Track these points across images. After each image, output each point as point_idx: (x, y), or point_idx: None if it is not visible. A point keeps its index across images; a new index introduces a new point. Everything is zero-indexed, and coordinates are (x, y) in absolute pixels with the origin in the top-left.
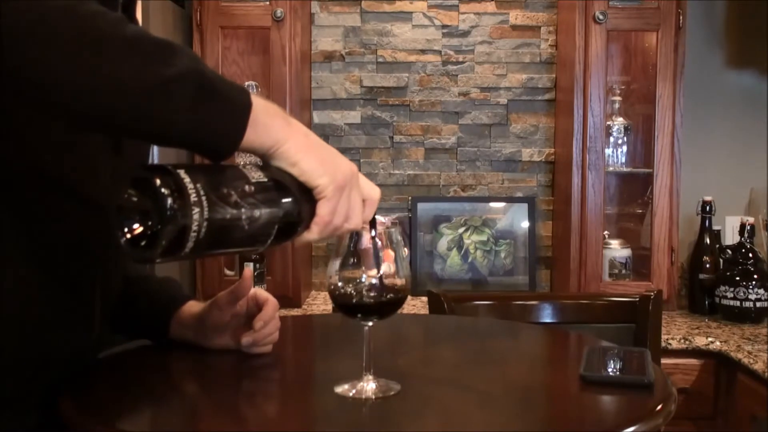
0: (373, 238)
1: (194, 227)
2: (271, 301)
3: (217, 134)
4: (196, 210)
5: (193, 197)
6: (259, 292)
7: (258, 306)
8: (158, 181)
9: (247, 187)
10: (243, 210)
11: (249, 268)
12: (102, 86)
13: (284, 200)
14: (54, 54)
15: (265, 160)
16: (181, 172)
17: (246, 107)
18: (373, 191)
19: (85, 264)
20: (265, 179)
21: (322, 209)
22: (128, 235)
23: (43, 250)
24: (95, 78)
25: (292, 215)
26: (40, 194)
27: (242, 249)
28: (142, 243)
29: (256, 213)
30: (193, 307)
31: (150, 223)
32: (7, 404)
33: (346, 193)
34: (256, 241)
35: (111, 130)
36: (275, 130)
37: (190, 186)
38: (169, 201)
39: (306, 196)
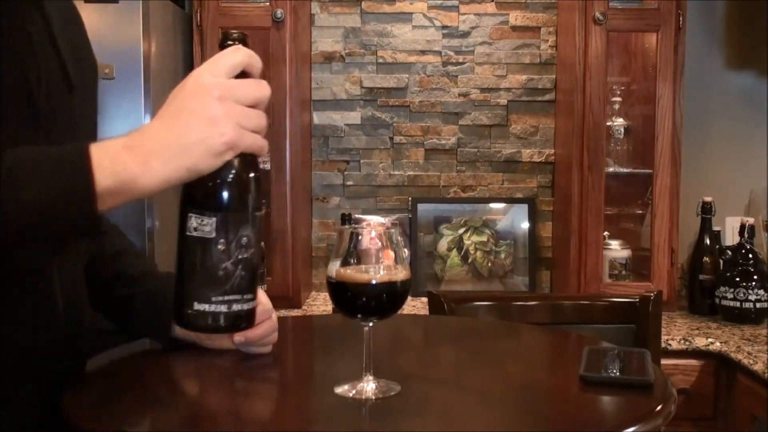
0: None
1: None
2: (263, 304)
3: (68, 198)
4: None
5: None
6: (257, 295)
7: None
8: None
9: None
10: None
11: None
12: None
13: (216, 224)
14: None
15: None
16: None
17: (81, 157)
18: (254, 91)
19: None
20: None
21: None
22: None
23: None
24: None
25: (235, 214)
26: None
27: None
28: None
29: (235, 260)
30: None
31: None
32: None
33: (220, 148)
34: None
35: None
36: (124, 166)
37: None
38: None
39: (214, 193)
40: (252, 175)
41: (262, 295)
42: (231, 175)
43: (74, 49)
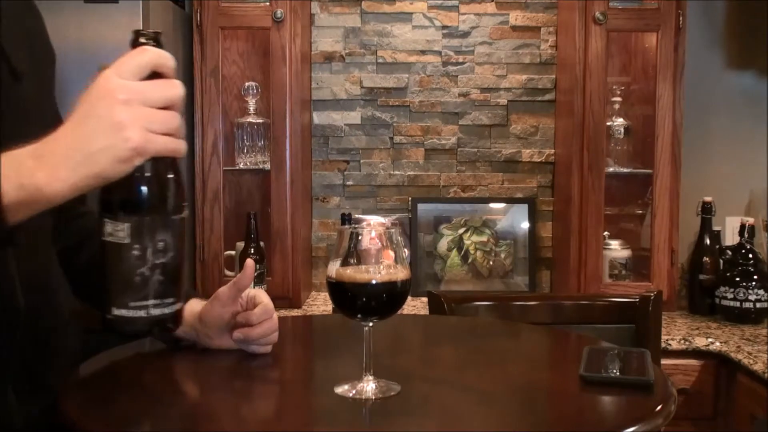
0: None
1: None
2: (265, 304)
3: None
4: None
5: None
6: (259, 294)
7: (255, 307)
8: None
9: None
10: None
11: (251, 260)
12: None
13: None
14: None
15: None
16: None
17: None
18: (164, 92)
19: None
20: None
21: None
22: None
23: None
24: None
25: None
26: None
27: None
28: None
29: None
30: (195, 305)
31: None
32: None
33: (131, 150)
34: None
35: None
36: (30, 177)
37: None
38: None
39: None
40: (168, 178)
41: (263, 296)
42: (143, 180)
43: (28, 39)
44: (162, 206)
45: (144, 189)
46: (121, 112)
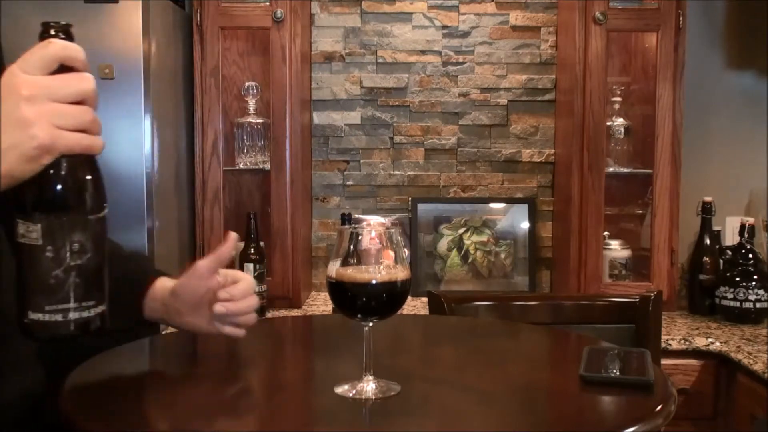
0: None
1: None
2: (248, 281)
3: None
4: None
5: None
6: (238, 272)
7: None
8: None
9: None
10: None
11: (233, 232)
12: None
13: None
14: None
15: None
16: None
17: None
18: (74, 85)
19: None
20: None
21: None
22: None
23: None
24: None
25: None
26: None
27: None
28: None
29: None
30: (166, 282)
31: None
32: None
33: (37, 145)
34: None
35: None
36: None
37: None
38: None
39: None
40: (83, 176)
41: (243, 274)
42: (55, 180)
43: None
44: (76, 206)
45: (56, 188)
46: (26, 109)
